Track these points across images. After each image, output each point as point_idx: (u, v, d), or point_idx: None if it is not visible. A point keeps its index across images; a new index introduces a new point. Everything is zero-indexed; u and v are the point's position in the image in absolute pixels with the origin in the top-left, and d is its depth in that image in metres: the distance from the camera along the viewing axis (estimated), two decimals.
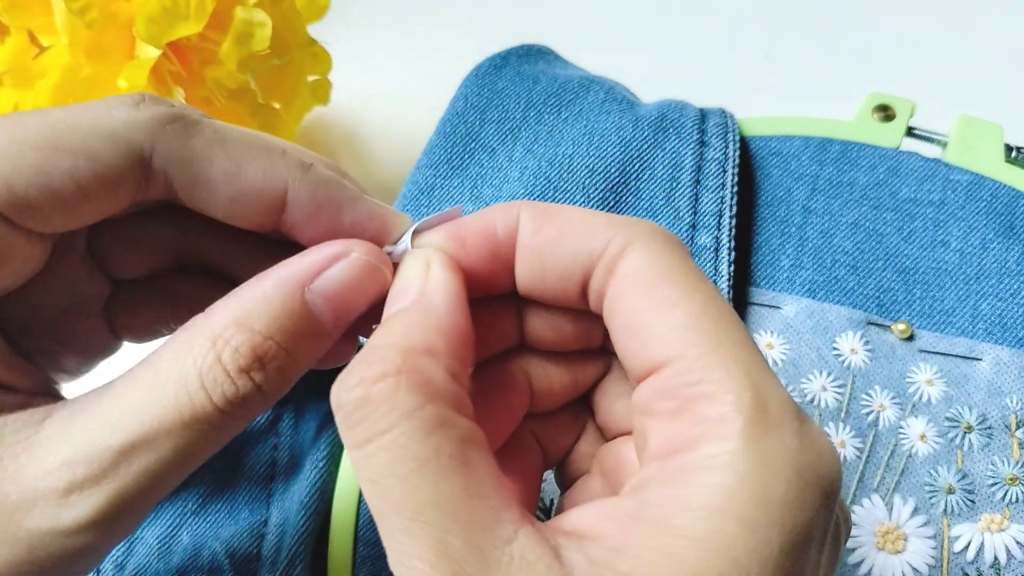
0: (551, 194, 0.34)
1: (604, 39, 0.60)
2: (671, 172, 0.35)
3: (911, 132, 0.37)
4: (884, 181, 0.36)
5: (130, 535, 0.21)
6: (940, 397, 0.31)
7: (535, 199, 0.34)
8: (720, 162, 0.35)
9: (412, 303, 0.19)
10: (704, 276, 0.20)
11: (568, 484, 0.24)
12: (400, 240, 0.22)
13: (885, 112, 0.37)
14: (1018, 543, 0.28)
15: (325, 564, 0.30)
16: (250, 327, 0.19)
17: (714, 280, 0.32)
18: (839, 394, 0.31)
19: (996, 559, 0.28)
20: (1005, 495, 0.29)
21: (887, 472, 0.30)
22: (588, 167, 0.34)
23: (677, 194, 0.34)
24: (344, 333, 0.25)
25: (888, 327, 0.33)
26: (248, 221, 0.22)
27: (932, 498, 0.29)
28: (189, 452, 0.19)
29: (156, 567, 0.30)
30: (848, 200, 0.35)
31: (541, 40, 0.42)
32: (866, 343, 0.32)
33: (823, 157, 0.37)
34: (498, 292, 0.22)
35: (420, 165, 0.37)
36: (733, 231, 0.33)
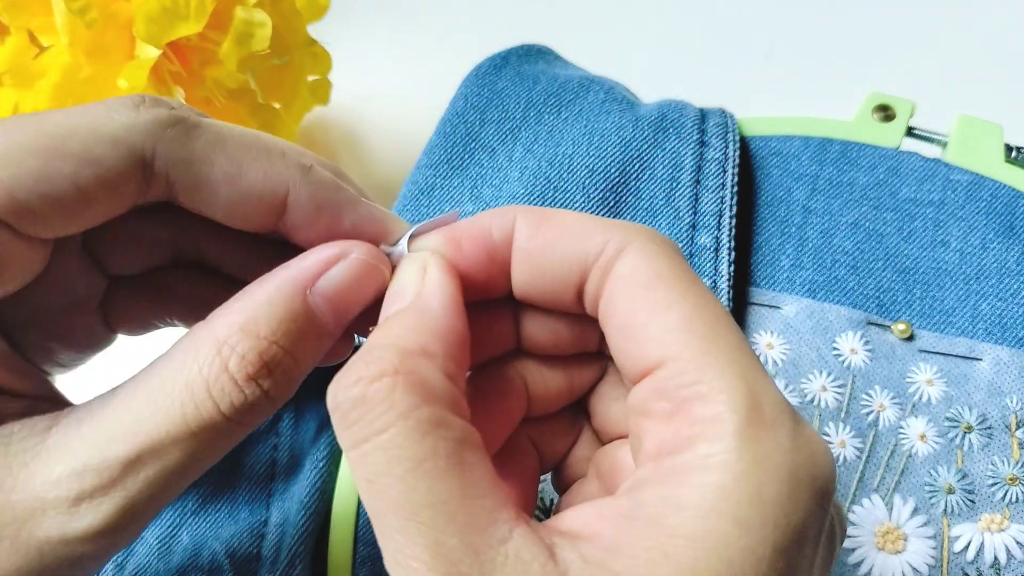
0: (551, 194, 0.34)
1: (604, 39, 0.60)
2: (671, 172, 0.35)
3: (911, 132, 0.37)
4: (884, 181, 0.36)
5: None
6: (940, 397, 0.31)
7: (535, 199, 0.34)
8: (720, 162, 0.35)
9: (409, 305, 0.20)
10: (698, 279, 0.20)
11: (565, 487, 0.24)
12: (397, 243, 0.22)
13: (885, 112, 0.37)
14: (1018, 543, 0.28)
15: (325, 564, 0.30)
16: (255, 333, 0.19)
17: (714, 280, 0.32)
18: (839, 394, 0.31)
19: (996, 559, 0.28)
20: (1005, 495, 0.29)
21: (887, 472, 0.30)
22: (588, 167, 0.34)
23: (677, 194, 0.34)
24: (343, 332, 0.25)
25: (888, 327, 0.33)
26: (248, 223, 0.22)
27: (932, 498, 0.29)
28: (196, 460, 0.19)
29: (156, 567, 0.30)
30: (848, 200, 0.35)
31: (541, 40, 0.42)
32: (866, 343, 0.32)
33: (823, 157, 0.37)
34: (494, 296, 0.22)
35: (420, 165, 0.37)
36: (733, 231, 0.33)
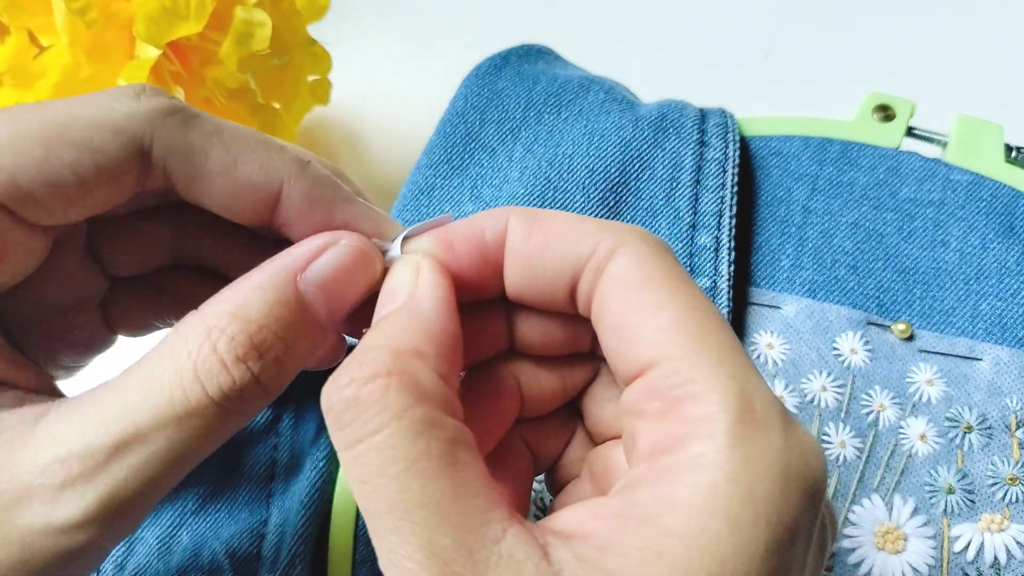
0: (551, 194, 0.34)
1: (604, 39, 0.60)
2: (671, 172, 0.35)
3: (911, 132, 0.37)
4: (884, 181, 0.36)
5: (129, 535, 0.21)
6: (940, 397, 0.31)
7: (535, 199, 0.34)
8: (720, 162, 0.35)
9: (401, 306, 0.19)
10: (690, 278, 0.20)
11: (559, 488, 0.24)
12: (391, 244, 0.22)
13: (885, 112, 0.37)
14: (1018, 543, 0.28)
15: (325, 564, 0.30)
16: (246, 317, 0.19)
17: (714, 280, 0.32)
18: (839, 394, 0.31)
19: (996, 559, 0.28)
20: (1005, 495, 0.29)
21: (887, 472, 0.30)
22: (588, 167, 0.34)
23: (677, 194, 0.34)
24: (336, 334, 0.25)
25: (888, 327, 0.33)
26: (242, 215, 0.22)
27: (932, 498, 0.29)
28: (184, 448, 0.18)
29: (156, 567, 0.30)
30: (848, 200, 0.35)
31: (541, 40, 0.42)
32: (866, 343, 0.32)
33: (823, 157, 0.37)
34: (488, 297, 0.22)
35: (420, 165, 0.37)
36: (733, 231, 0.33)
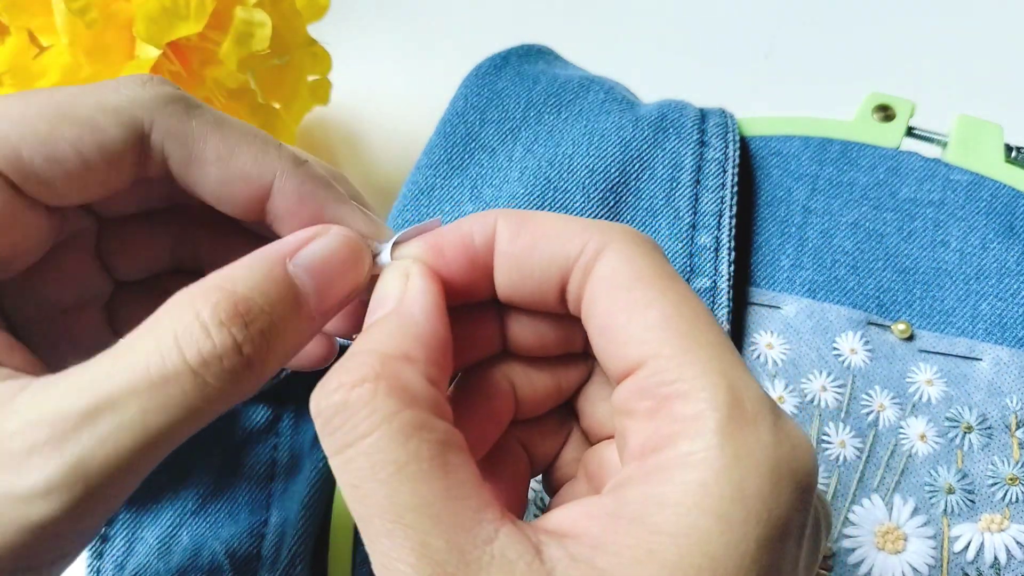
0: (551, 194, 0.34)
1: (604, 39, 0.60)
2: (671, 172, 0.35)
3: (911, 132, 0.37)
4: (884, 181, 0.36)
5: (105, 522, 0.20)
6: (940, 397, 0.31)
7: (535, 199, 0.34)
8: (720, 162, 0.35)
9: (390, 312, 0.19)
10: (678, 277, 0.20)
11: (555, 489, 0.24)
12: (381, 247, 0.22)
13: (885, 112, 0.37)
14: (1018, 543, 0.28)
15: (325, 564, 0.30)
16: (232, 289, 0.18)
17: (714, 280, 0.32)
18: (839, 394, 0.31)
19: (996, 559, 0.28)
20: (1005, 495, 0.29)
21: (887, 472, 0.30)
22: (588, 167, 0.34)
23: (677, 194, 0.34)
24: (326, 336, 0.25)
25: (888, 327, 0.33)
26: (235, 206, 0.22)
27: (932, 498, 0.29)
28: (158, 420, 0.17)
29: (156, 567, 0.30)
30: (848, 200, 0.35)
31: (541, 40, 0.42)
32: (866, 343, 0.32)
33: (823, 157, 0.37)
34: (479, 300, 0.22)
35: (420, 165, 0.37)
36: (733, 231, 0.33)
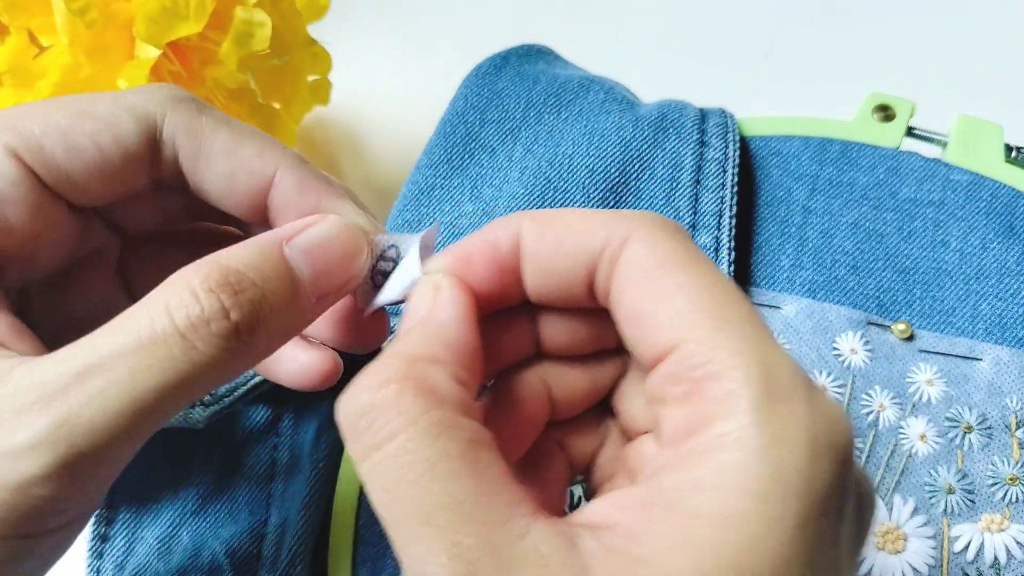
0: (551, 194, 0.34)
1: (604, 39, 0.60)
2: (671, 172, 0.35)
3: (911, 132, 0.37)
4: (884, 181, 0.36)
5: (99, 499, 0.20)
6: (940, 397, 0.31)
7: (535, 199, 0.34)
8: (720, 162, 0.35)
9: (418, 321, 0.20)
10: (706, 258, 0.19)
11: (596, 490, 0.24)
12: (380, 238, 0.23)
13: (885, 112, 0.37)
14: (1018, 543, 0.28)
15: (325, 564, 0.30)
16: (226, 264, 0.19)
17: None
18: (839, 394, 0.31)
19: (996, 559, 0.28)
20: (1005, 495, 0.29)
21: (887, 472, 0.30)
22: (588, 167, 0.34)
23: (677, 194, 0.34)
24: (332, 355, 0.25)
25: (888, 327, 0.33)
26: (239, 202, 0.23)
27: (932, 498, 0.29)
28: (146, 382, 0.18)
29: (156, 567, 0.30)
30: (848, 200, 0.35)
31: (541, 40, 0.42)
32: (866, 343, 0.32)
33: (823, 157, 0.37)
34: (512, 303, 0.22)
35: (420, 165, 0.37)
36: (733, 231, 0.33)
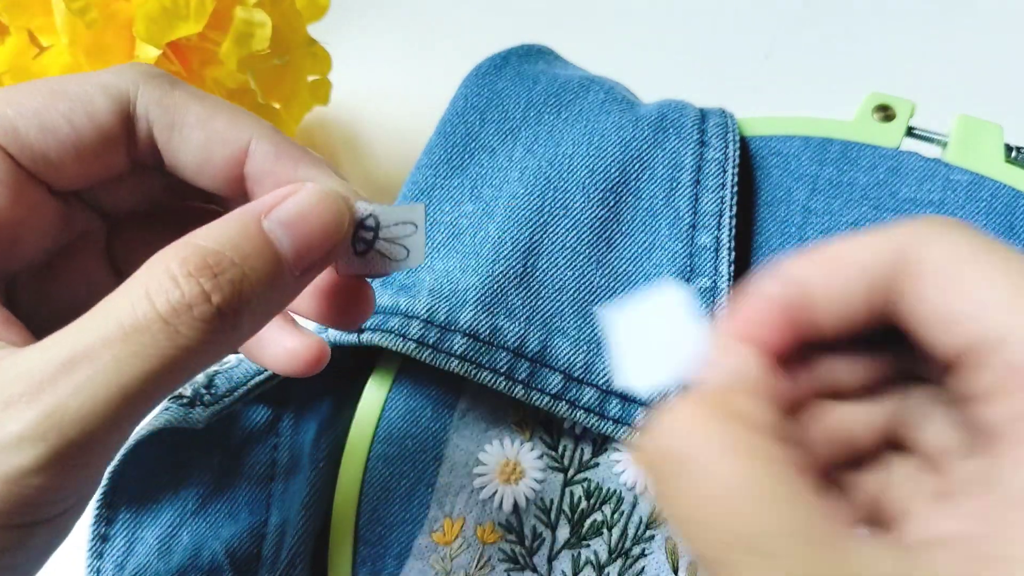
0: (551, 194, 0.34)
1: (604, 39, 0.60)
2: (671, 172, 0.35)
3: (911, 132, 0.37)
4: (884, 181, 0.36)
5: (90, 486, 0.20)
6: None
7: (535, 199, 0.34)
8: (720, 162, 0.35)
9: (716, 363, 0.19)
10: (1009, 248, 0.18)
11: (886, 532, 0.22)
12: (361, 205, 0.23)
13: (885, 112, 0.37)
14: None
15: (325, 564, 0.30)
16: (204, 245, 0.19)
17: (714, 280, 0.32)
18: None
19: None
20: None
21: None
22: (588, 167, 0.34)
23: (677, 194, 0.34)
24: (318, 340, 0.25)
25: None
26: (215, 174, 0.23)
27: None
28: (132, 369, 0.18)
29: (156, 567, 0.30)
30: (848, 200, 0.35)
31: (541, 40, 0.42)
32: None
33: (823, 157, 0.36)
34: (802, 344, 0.20)
35: (420, 165, 0.37)
36: (733, 231, 0.33)
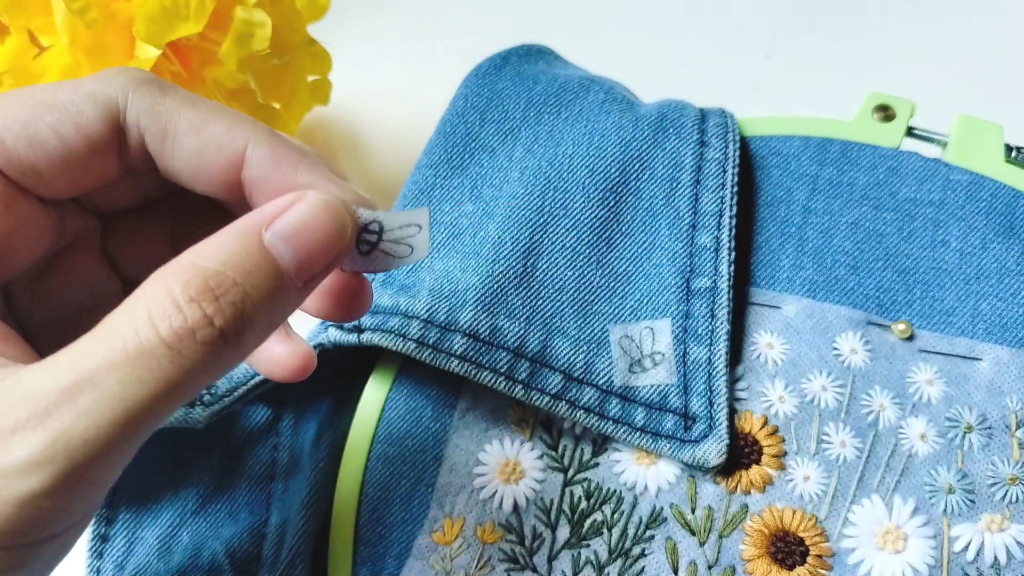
0: (551, 194, 0.34)
1: (604, 39, 0.60)
2: (671, 172, 0.35)
3: (911, 132, 0.37)
4: (884, 181, 0.36)
5: (98, 506, 0.20)
6: (940, 397, 0.31)
7: (535, 199, 0.34)
8: (720, 162, 0.35)
9: None
10: None
11: None
12: (362, 212, 0.21)
13: (885, 112, 0.37)
14: (1018, 543, 0.28)
15: (325, 564, 0.30)
16: (203, 265, 0.19)
17: (714, 280, 0.32)
18: (839, 394, 0.31)
19: (996, 559, 0.28)
20: (1005, 495, 0.29)
21: (887, 472, 0.30)
22: (588, 167, 0.34)
23: (677, 194, 0.34)
24: (305, 349, 0.25)
25: (888, 327, 0.33)
26: (211, 180, 0.23)
27: (932, 498, 0.29)
28: (137, 393, 0.18)
29: (156, 567, 0.30)
30: (848, 200, 0.35)
31: (541, 40, 0.42)
32: (866, 343, 0.32)
33: (823, 157, 0.37)
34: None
35: (420, 165, 0.37)
36: (733, 231, 0.33)
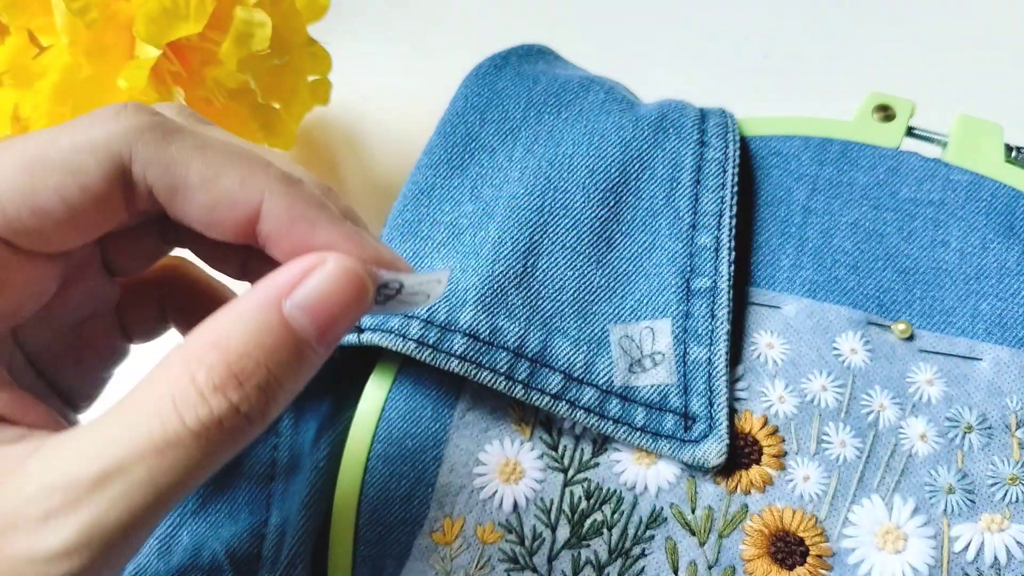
0: (551, 194, 0.34)
1: (604, 39, 0.60)
2: (671, 172, 0.35)
3: (911, 132, 0.37)
4: (884, 181, 0.36)
5: (127, 563, 0.20)
6: (940, 397, 0.31)
7: (535, 199, 0.34)
8: (720, 162, 0.35)
9: None
10: None
11: None
12: (383, 274, 0.21)
13: (885, 112, 0.37)
14: (1018, 543, 0.28)
15: (325, 564, 0.30)
16: (225, 347, 0.18)
17: (714, 280, 0.32)
18: (839, 394, 0.31)
19: (996, 559, 0.28)
20: (1005, 495, 0.29)
21: (887, 472, 0.30)
22: (588, 167, 0.34)
23: (677, 194, 0.34)
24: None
25: (888, 327, 0.33)
26: (224, 232, 0.21)
27: (932, 498, 0.29)
28: (166, 479, 0.18)
29: (156, 567, 0.30)
30: (848, 200, 0.35)
31: (541, 40, 0.42)
32: (866, 343, 0.32)
33: (823, 157, 0.37)
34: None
35: (420, 165, 0.37)
36: (733, 231, 0.33)
